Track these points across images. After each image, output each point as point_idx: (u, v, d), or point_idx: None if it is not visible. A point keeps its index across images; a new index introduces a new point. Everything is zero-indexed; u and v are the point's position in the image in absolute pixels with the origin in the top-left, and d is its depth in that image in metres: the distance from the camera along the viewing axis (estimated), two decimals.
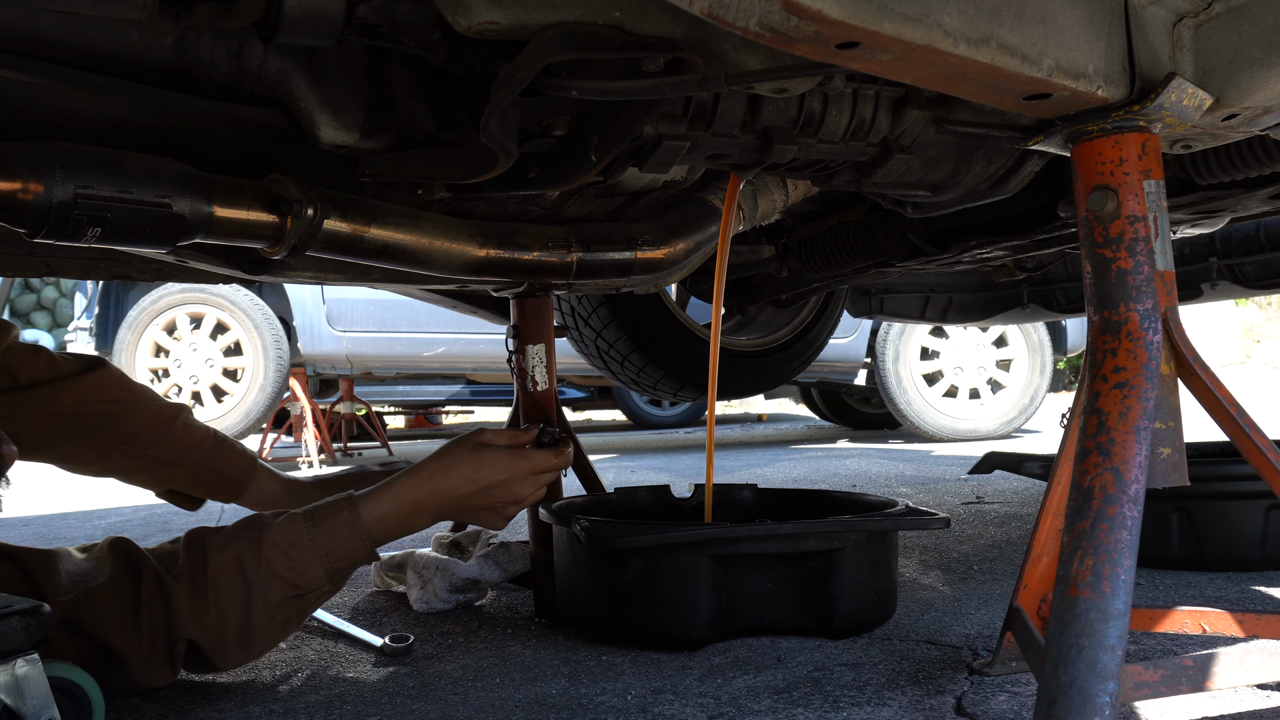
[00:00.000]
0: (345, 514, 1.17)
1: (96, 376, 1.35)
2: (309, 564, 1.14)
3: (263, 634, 1.13)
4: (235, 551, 1.12)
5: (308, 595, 1.15)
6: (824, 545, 1.22)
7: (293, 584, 1.13)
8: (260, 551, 1.12)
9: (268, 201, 1.08)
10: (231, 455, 1.46)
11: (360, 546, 1.17)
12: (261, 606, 1.12)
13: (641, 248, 1.46)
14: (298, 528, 1.15)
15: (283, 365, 5.59)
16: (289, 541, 1.14)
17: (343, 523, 1.17)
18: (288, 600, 1.14)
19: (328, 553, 1.15)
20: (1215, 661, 0.82)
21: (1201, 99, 0.87)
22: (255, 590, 1.11)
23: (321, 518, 1.17)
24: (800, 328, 2.53)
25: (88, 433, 1.34)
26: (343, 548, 1.16)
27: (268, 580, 1.12)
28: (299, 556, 1.13)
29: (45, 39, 0.94)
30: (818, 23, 0.68)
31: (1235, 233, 2.13)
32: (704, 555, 1.20)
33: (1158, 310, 0.89)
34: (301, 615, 1.17)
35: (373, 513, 1.19)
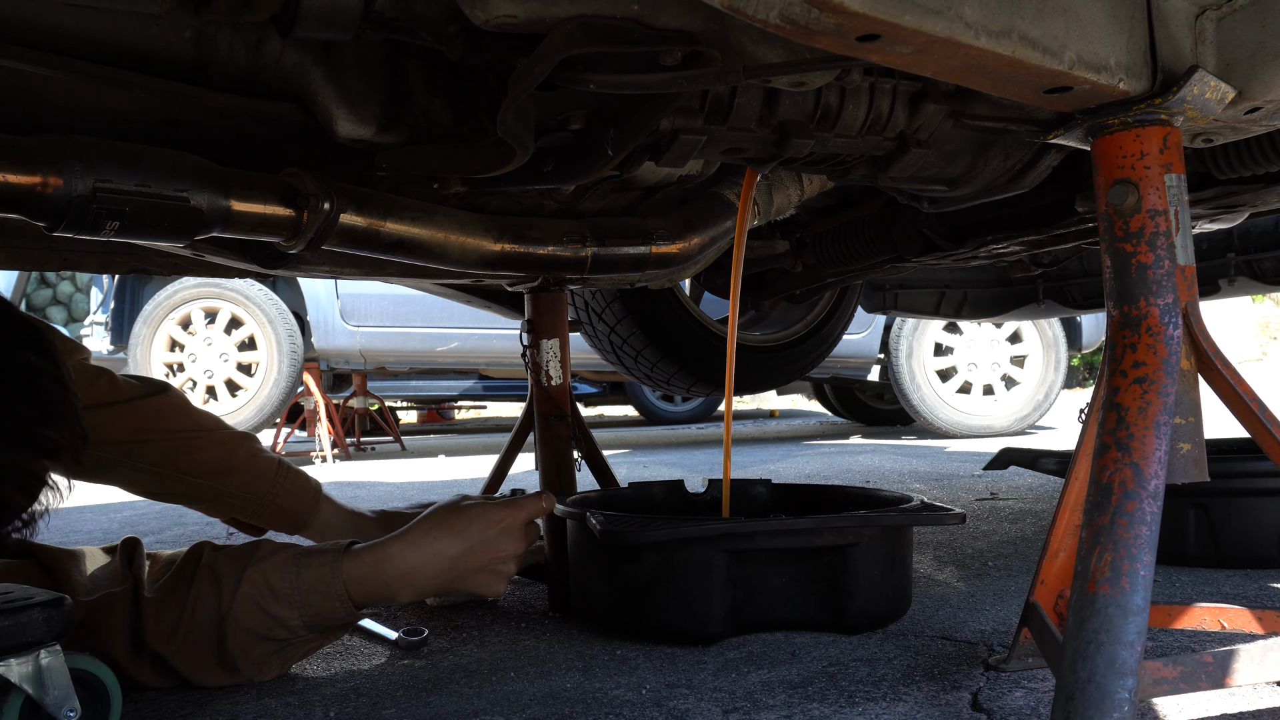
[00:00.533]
0: (327, 569, 1.11)
1: (156, 402, 1.33)
2: (285, 611, 1.09)
3: (233, 669, 1.10)
4: (218, 576, 1.09)
5: (288, 641, 1.12)
6: (839, 540, 1.22)
7: (267, 628, 1.09)
8: (239, 585, 1.08)
9: (284, 195, 1.09)
10: (295, 488, 1.42)
11: (338, 608, 1.11)
12: (233, 641, 1.08)
13: (656, 242, 1.46)
14: (284, 570, 1.10)
15: (297, 360, 5.61)
16: (268, 583, 1.09)
17: (322, 578, 1.10)
18: (261, 640, 1.10)
19: (306, 605, 1.10)
20: (1235, 658, 0.81)
21: (1224, 92, 0.87)
22: (226, 623, 1.08)
23: (307, 566, 1.11)
24: (814, 323, 2.53)
25: (146, 461, 1.31)
26: (320, 604, 1.10)
27: (242, 617, 1.08)
28: (276, 602, 1.09)
29: (65, 33, 0.95)
30: (839, 15, 0.68)
31: (1254, 228, 2.12)
32: (719, 550, 1.20)
33: (1178, 305, 0.88)
34: (284, 660, 1.13)
35: (354, 572, 1.11)
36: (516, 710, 1.01)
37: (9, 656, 0.84)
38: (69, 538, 2.57)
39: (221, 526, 2.69)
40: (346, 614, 1.11)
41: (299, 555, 1.12)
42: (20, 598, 0.87)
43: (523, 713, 1.00)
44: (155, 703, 1.09)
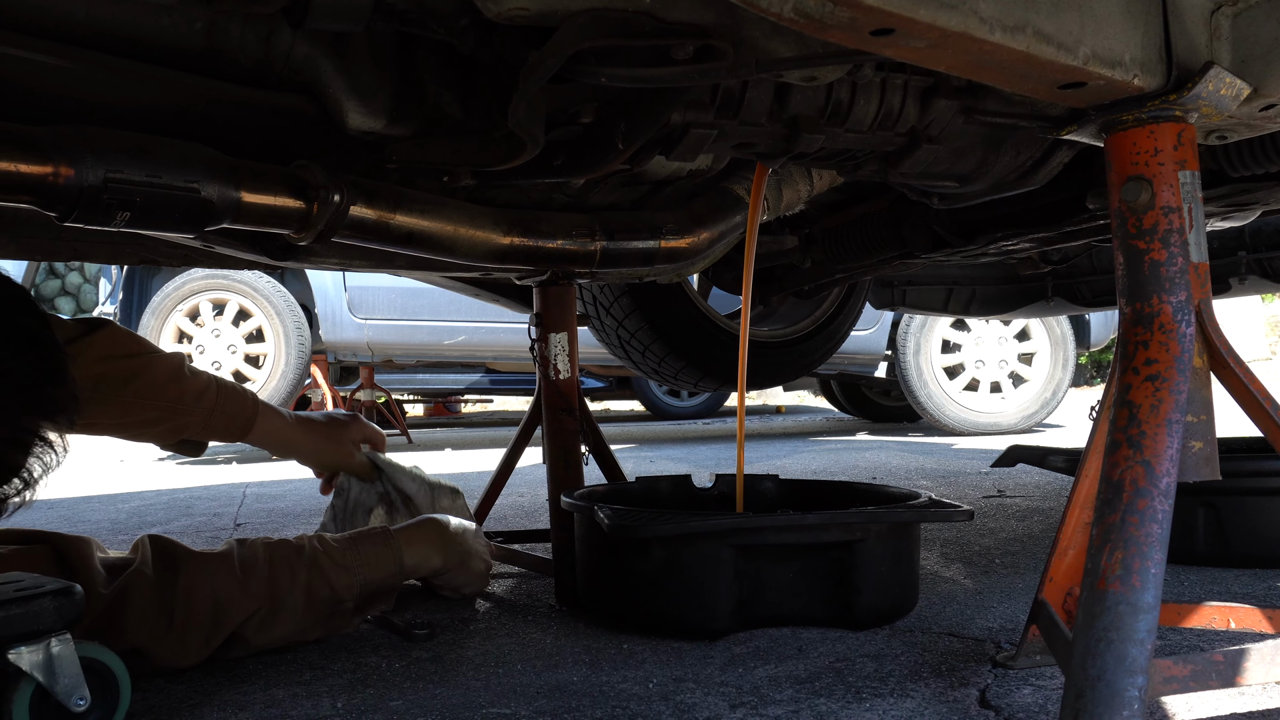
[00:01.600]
0: (380, 537, 1.34)
1: (106, 332, 1.36)
2: (342, 581, 1.26)
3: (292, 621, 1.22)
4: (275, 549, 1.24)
5: (339, 605, 1.27)
6: (846, 536, 1.21)
7: (332, 589, 1.25)
8: (302, 549, 1.25)
9: (295, 187, 1.08)
10: (236, 397, 1.49)
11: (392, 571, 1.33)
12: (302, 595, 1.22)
13: (665, 237, 1.46)
14: (340, 547, 1.29)
15: (304, 352, 5.62)
16: (329, 554, 1.27)
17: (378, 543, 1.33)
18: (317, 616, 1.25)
19: (364, 565, 1.29)
20: (1246, 657, 0.81)
21: (1239, 89, 0.86)
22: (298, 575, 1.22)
23: (360, 541, 1.31)
24: (822, 319, 2.52)
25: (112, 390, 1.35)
26: (377, 565, 1.31)
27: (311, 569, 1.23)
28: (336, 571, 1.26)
29: (77, 23, 0.95)
30: (853, 9, 0.67)
31: (1265, 226, 2.11)
32: (726, 545, 1.20)
33: (1191, 303, 0.88)
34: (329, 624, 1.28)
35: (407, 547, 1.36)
36: (523, 703, 1.01)
37: (19, 645, 0.85)
38: (76, 528, 2.57)
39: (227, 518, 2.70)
40: (397, 578, 1.33)
41: (349, 537, 1.32)
42: (31, 586, 0.87)
43: (529, 705, 1.00)
44: (162, 692, 1.09)
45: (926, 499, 1.32)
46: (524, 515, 2.48)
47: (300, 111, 1.10)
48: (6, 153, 0.91)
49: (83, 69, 0.97)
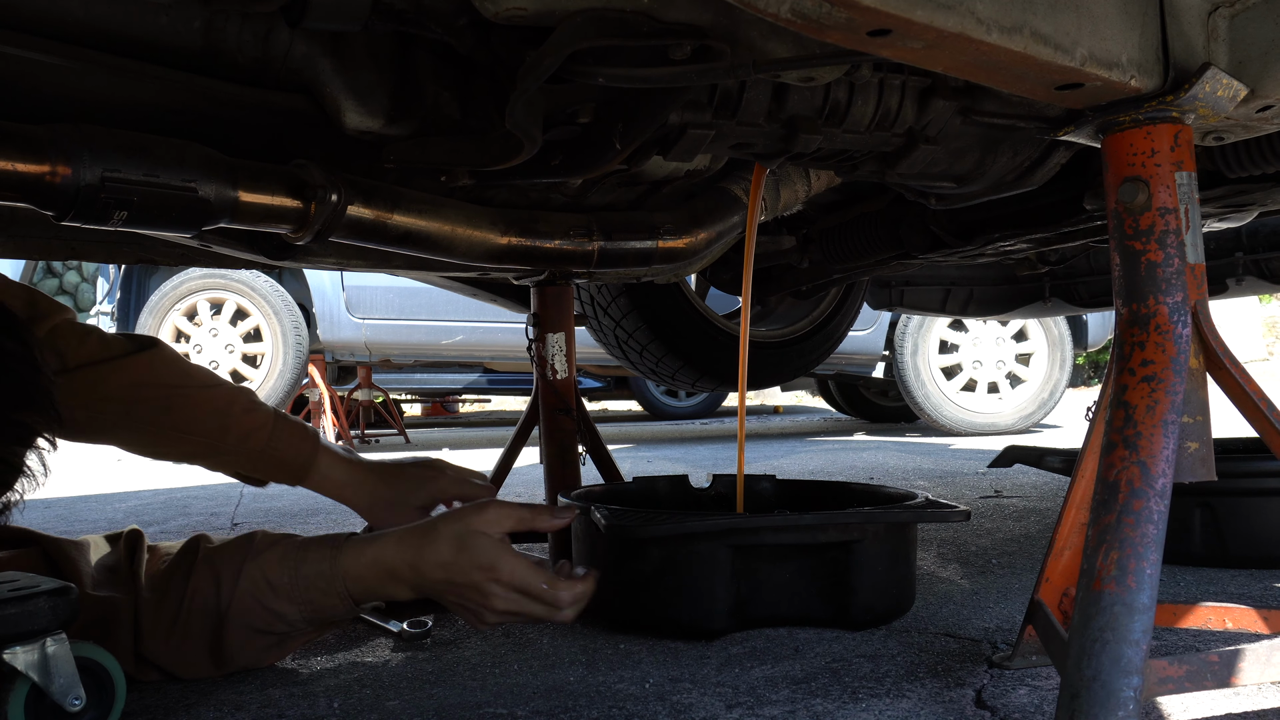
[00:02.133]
0: (326, 565, 1.08)
1: (147, 357, 1.30)
2: (285, 607, 1.08)
3: (230, 662, 1.11)
4: (215, 572, 1.08)
5: (287, 634, 1.12)
6: (844, 536, 1.22)
7: (267, 623, 1.09)
8: (237, 580, 1.07)
9: (292, 187, 1.08)
10: (293, 438, 1.38)
11: (338, 604, 1.09)
12: (233, 636, 1.08)
13: (663, 237, 1.46)
14: (281, 565, 1.08)
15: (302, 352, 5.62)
16: (267, 580, 1.08)
17: (322, 575, 1.08)
18: (261, 635, 1.10)
19: (305, 601, 1.08)
20: (1241, 658, 0.81)
21: (1236, 90, 0.86)
22: (226, 619, 1.07)
23: (304, 561, 1.09)
24: (820, 319, 2.53)
25: (143, 419, 1.30)
26: (318, 599, 1.09)
27: (242, 613, 1.07)
28: (275, 598, 1.08)
29: (74, 22, 0.95)
30: (850, 10, 0.67)
31: (1262, 227, 2.11)
32: (723, 545, 1.20)
33: (1187, 303, 0.88)
34: (281, 650, 1.14)
35: (351, 569, 1.08)
36: (520, 703, 1.01)
37: (15, 644, 0.84)
38: (73, 527, 2.57)
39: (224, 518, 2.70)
40: (346, 610, 1.10)
41: (298, 548, 1.10)
42: (26, 586, 0.87)
43: (526, 705, 1.00)
44: (159, 692, 1.09)
45: (923, 499, 1.32)
46: None
47: (298, 111, 1.09)
48: (3, 151, 0.91)
49: (80, 68, 0.97)
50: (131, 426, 1.31)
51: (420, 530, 1.10)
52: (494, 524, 1.08)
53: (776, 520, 1.22)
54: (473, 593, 1.07)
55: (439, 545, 1.08)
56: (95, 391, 1.26)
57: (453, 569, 1.07)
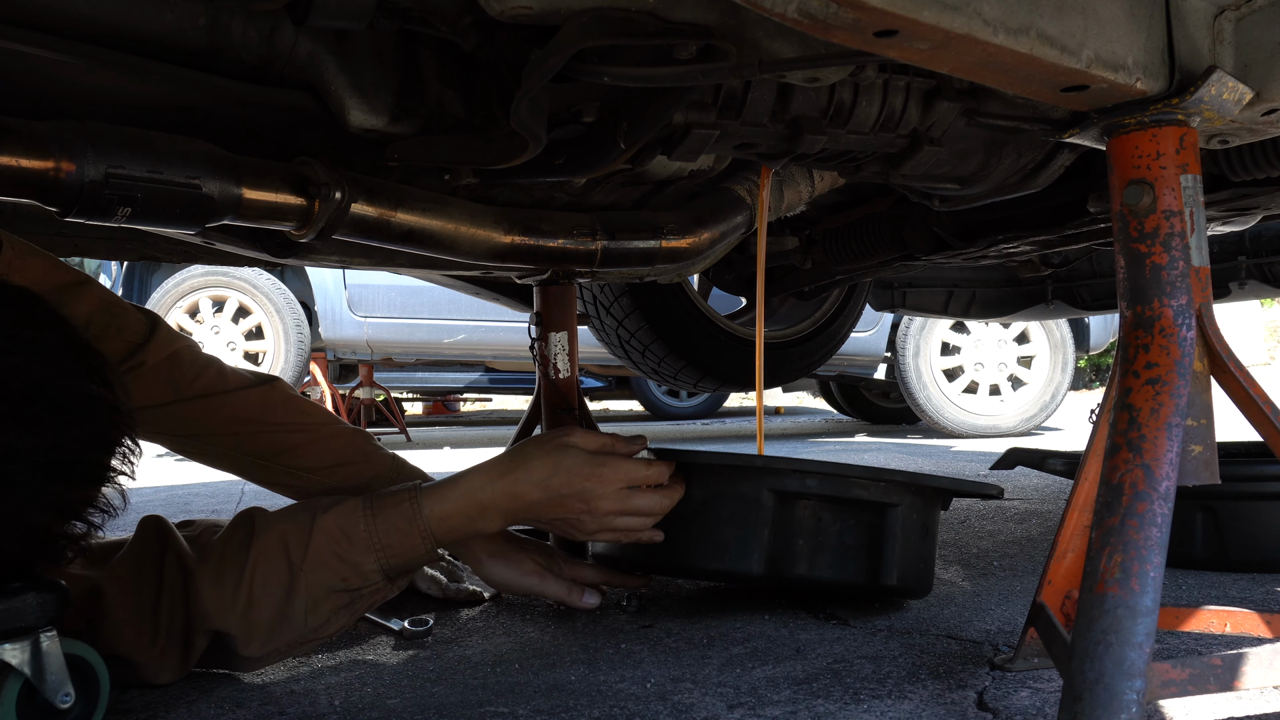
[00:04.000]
0: (406, 506, 1.08)
1: (262, 393, 1.29)
2: (362, 557, 1.06)
3: (298, 626, 1.06)
4: (282, 533, 1.06)
5: (360, 591, 1.08)
6: (883, 498, 1.21)
7: (343, 577, 1.06)
8: (309, 537, 1.05)
9: (296, 184, 1.09)
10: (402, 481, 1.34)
11: (420, 545, 1.08)
12: (303, 595, 1.05)
13: (666, 237, 1.46)
14: (354, 516, 1.07)
15: (303, 349, 5.62)
16: (342, 530, 1.06)
17: (403, 516, 1.07)
18: (336, 594, 1.07)
19: (384, 546, 1.07)
20: (1244, 661, 0.81)
21: (1241, 93, 0.86)
22: (299, 578, 1.04)
23: (381, 508, 1.08)
24: (822, 320, 2.53)
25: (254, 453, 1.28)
26: (401, 544, 1.07)
27: (314, 569, 1.05)
28: (352, 548, 1.06)
29: (79, 18, 0.95)
30: (857, 10, 0.67)
31: (1265, 231, 2.11)
32: (766, 489, 1.18)
33: (1192, 306, 0.88)
34: (351, 613, 1.10)
35: (436, 508, 1.08)
36: (521, 702, 1.01)
37: (6, 641, 0.84)
38: None
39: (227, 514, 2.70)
40: (428, 551, 1.08)
41: (370, 499, 1.09)
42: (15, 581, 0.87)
43: (527, 704, 1.00)
44: (158, 688, 1.09)
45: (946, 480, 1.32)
46: None
47: (302, 108, 1.09)
48: (8, 147, 0.91)
49: (85, 64, 0.97)
50: (241, 459, 1.30)
51: (508, 459, 1.13)
52: (585, 442, 1.14)
53: (826, 466, 1.20)
54: (576, 502, 1.11)
55: (534, 464, 1.11)
56: (207, 422, 1.27)
57: (552, 484, 1.10)
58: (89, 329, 1.18)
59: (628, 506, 1.14)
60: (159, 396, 1.24)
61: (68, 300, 1.18)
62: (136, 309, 1.27)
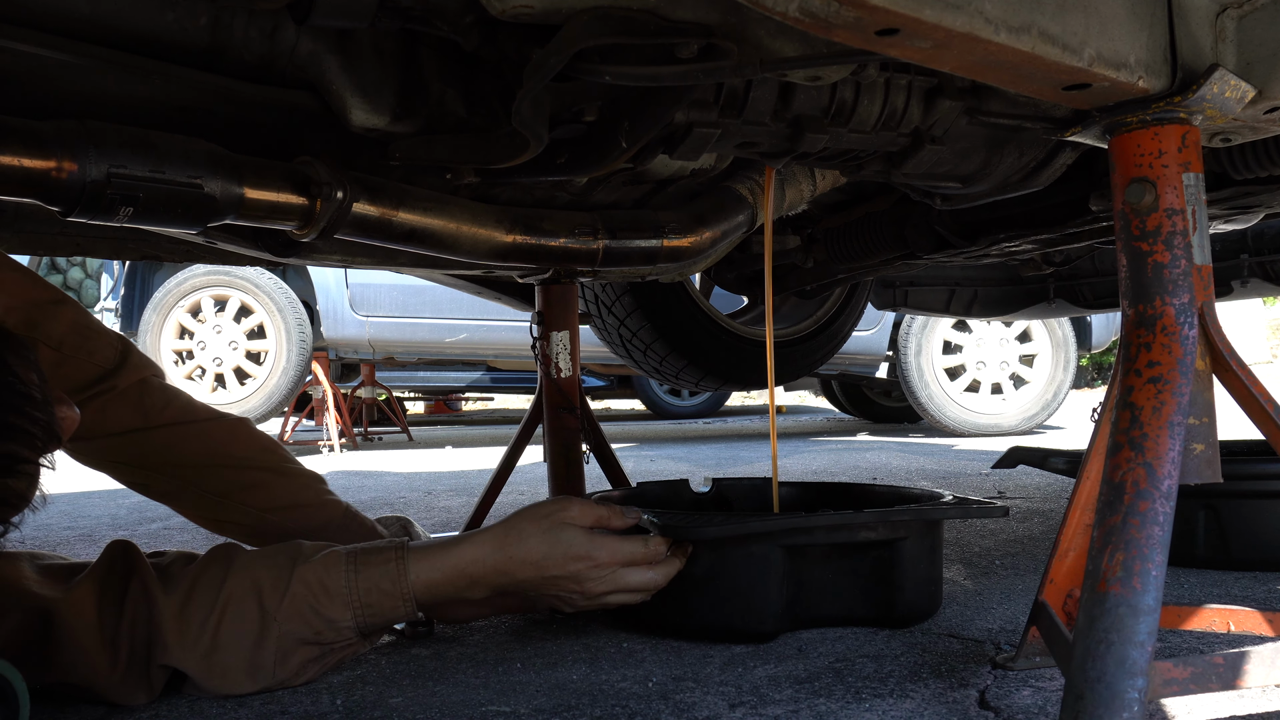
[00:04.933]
0: (392, 567, 1.05)
1: (228, 424, 1.30)
2: (339, 613, 1.03)
3: (265, 678, 1.02)
4: (257, 578, 1.02)
5: (332, 645, 1.05)
6: (892, 535, 1.21)
7: (316, 630, 1.03)
8: (288, 585, 1.02)
9: (298, 184, 1.09)
10: (362, 534, 1.33)
11: (400, 607, 1.05)
12: (273, 645, 1.01)
13: (668, 236, 1.46)
14: (336, 570, 1.03)
15: (305, 349, 5.62)
16: (321, 583, 1.02)
17: (387, 576, 1.04)
18: (307, 646, 1.03)
19: (364, 605, 1.04)
20: (1246, 660, 0.81)
21: (1244, 91, 0.86)
22: (270, 627, 1.01)
23: (365, 564, 1.04)
24: (824, 319, 2.53)
25: (211, 489, 1.27)
26: (380, 604, 1.04)
27: (288, 619, 1.01)
28: (330, 603, 1.02)
29: (80, 18, 0.95)
30: (859, 9, 0.67)
31: (1268, 229, 2.11)
32: (778, 546, 1.17)
33: (1194, 305, 0.88)
34: (320, 666, 1.07)
35: (423, 576, 1.06)
36: (523, 701, 1.01)
37: None
38: (77, 523, 2.58)
39: None
40: (408, 614, 1.06)
41: (355, 554, 1.06)
42: None
43: (529, 703, 1.00)
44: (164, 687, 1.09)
45: (953, 498, 1.32)
46: None
47: (304, 108, 1.10)
48: (10, 147, 0.91)
49: (86, 64, 0.97)
50: (199, 495, 1.30)
51: (501, 532, 1.10)
52: (581, 517, 1.12)
53: (833, 519, 1.20)
54: (569, 583, 1.10)
55: (528, 543, 1.09)
56: (174, 450, 1.27)
57: (546, 565, 1.09)
58: (61, 349, 1.20)
59: (621, 585, 1.12)
60: (129, 423, 1.24)
61: (42, 318, 1.18)
62: (109, 333, 1.27)
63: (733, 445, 5.23)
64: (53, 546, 2.19)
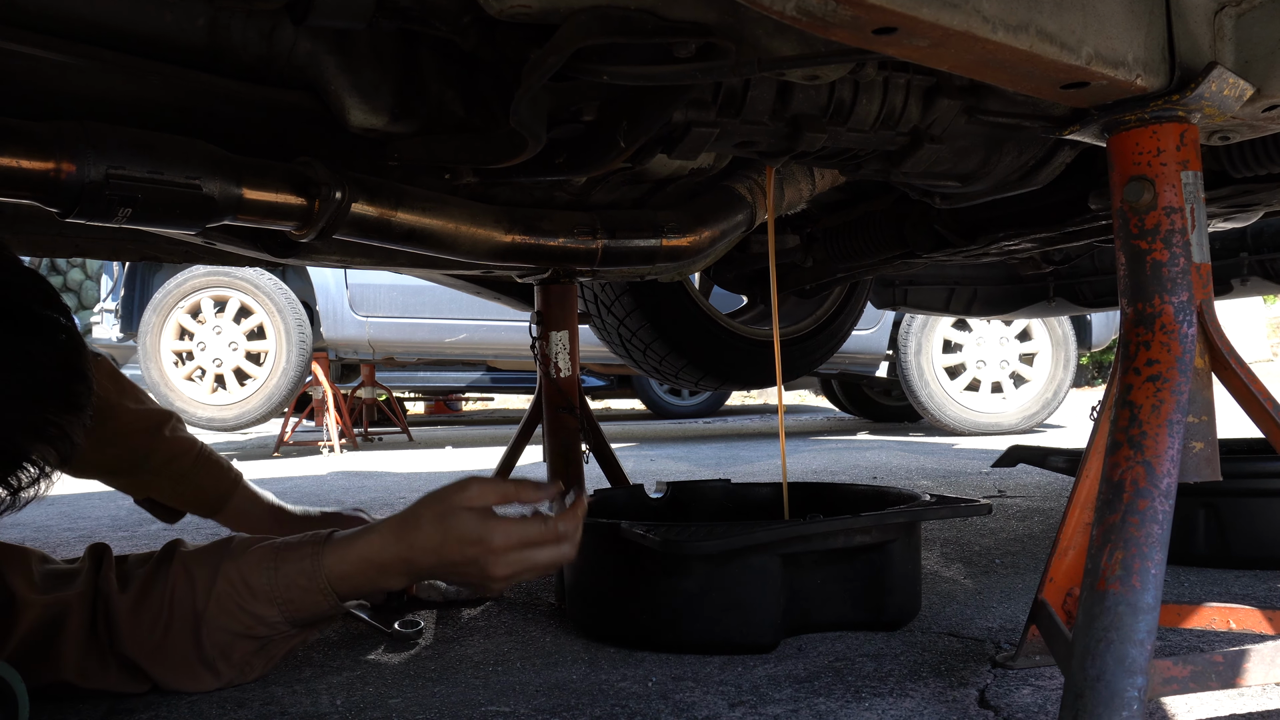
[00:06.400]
0: (308, 563, 1.05)
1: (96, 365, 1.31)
2: (265, 609, 1.04)
3: (211, 669, 1.06)
4: (190, 574, 1.05)
5: (269, 639, 1.07)
6: (884, 538, 1.21)
7: (247, 625, 1.04)
8: (214, 584, 1.04)
9: (296, 184, 1.09)
10: (216, 471, 1.40)
11: (322, 601, 1.05)
12: (209, 641, 1.04)
13: (667, 235, 1.46)
14: (259, 567, 1.05)
15: (305, 349, 5.62)
16: (244, 580, 1.04)
17: (303, 572, 1.05)
18: (244, 640, 1.06)
19: (286, 601, 1.04)
20: (1246, 658, 0.81)
21: (1242, 89, 0.86)
22: (202, 624, 1.03)
23: (285, 560, 1.06)
24: (824, 318, 2.53)
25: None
26: (302, 599, 1.05)
27: (217, 616, 1.03)
28: (254, 600, 1.04)
29: (78, 19, 0.95)
30: (856, 8, 0.67)
31: (1267, 227, 2.11)
32: (775, 555, 1.16)
33: (1193, 303, 0.88)
34: (267, 658, 1.09)
35: (335, 568, 1.05)
36: (522, 701, 1.01)
37: None
38: (77, 524, 2.58)
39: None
40: (330, 607, 1.06)
41: (276, 550, 1.07)
42: None
43: (528, 703, 1.00)
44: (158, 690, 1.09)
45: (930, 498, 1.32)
46: None
47: (302, 108, 1.10)
48: (8, 148, 0.91)
49: (85, 65, 0.97)
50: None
51: (403, 520, 1.08)
52: (476, 499, 1.06)
53: (832, 525, 1.19)
54: (471, 568, 1.06)
55: (425, 531, 1.06)
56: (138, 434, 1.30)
57: (444, 551, 1.05)
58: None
59: (527, 565, 1.07)
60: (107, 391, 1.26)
61: None
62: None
63: (732, 444, 5.23)
64: (53, 548, 2.19)
